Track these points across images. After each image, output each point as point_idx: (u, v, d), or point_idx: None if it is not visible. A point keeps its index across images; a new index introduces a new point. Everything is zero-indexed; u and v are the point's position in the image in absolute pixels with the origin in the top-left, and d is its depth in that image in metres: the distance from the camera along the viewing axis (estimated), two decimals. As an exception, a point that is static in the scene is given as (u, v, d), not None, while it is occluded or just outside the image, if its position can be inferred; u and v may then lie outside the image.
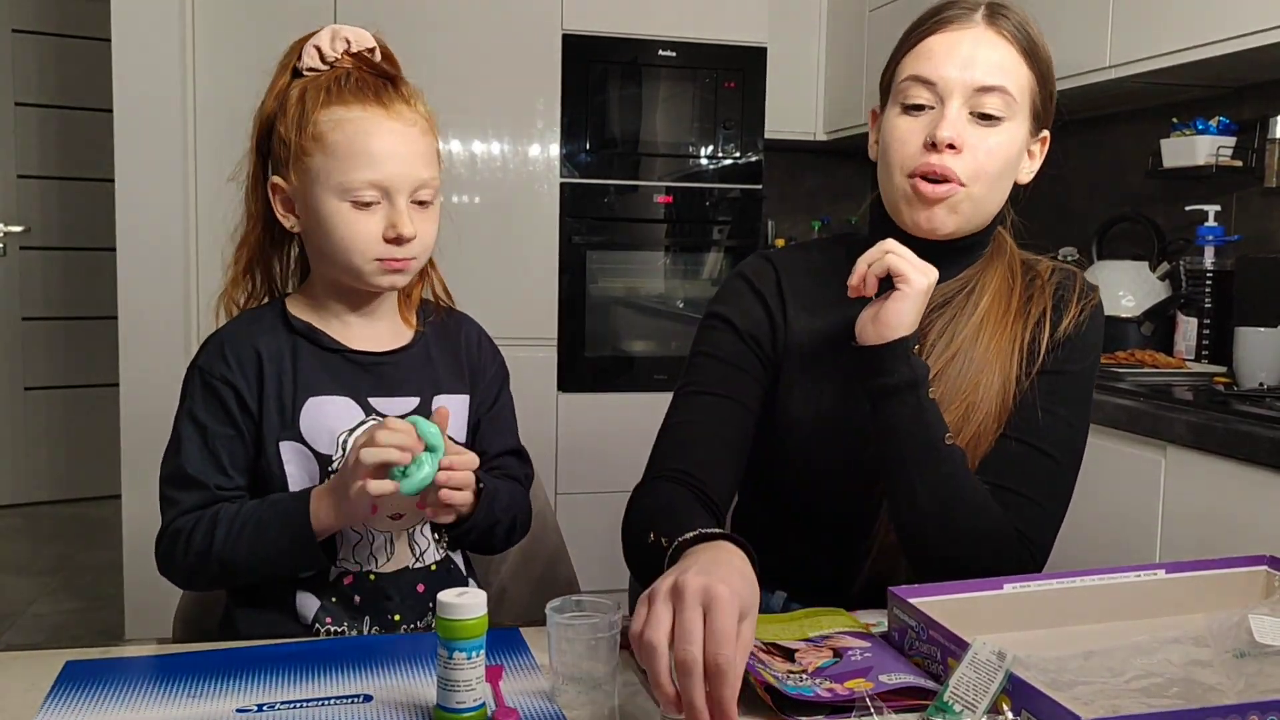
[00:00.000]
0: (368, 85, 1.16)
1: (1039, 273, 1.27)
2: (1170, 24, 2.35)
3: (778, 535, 1.29)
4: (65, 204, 4.57)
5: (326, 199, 1.14)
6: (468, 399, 1.28)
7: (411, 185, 1.15)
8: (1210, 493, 1.86)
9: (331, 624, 1.18)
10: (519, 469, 1.33)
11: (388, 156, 1.14)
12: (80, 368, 4.58)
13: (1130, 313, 2.67)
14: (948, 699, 0.85)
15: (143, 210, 2.81)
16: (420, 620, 1.21)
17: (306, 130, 1.14)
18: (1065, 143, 3.39)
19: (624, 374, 3.29)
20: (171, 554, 1.16)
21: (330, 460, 1.18)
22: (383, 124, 1.14)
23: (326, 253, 1.17)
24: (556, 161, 3.17)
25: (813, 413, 1.24)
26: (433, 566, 1.23)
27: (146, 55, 2.84)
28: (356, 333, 1.23)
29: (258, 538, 1.13)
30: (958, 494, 1.13)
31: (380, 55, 1.21)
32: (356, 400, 1.20)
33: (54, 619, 3.33)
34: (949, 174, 1.14)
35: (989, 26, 1.17)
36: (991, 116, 1.15)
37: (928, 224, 1.17)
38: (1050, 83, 1.22)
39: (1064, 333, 1.22)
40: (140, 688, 0.94)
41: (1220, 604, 1.04)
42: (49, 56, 4.51)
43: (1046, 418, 1.19)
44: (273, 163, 1.20)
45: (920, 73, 1.17)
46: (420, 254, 1.19)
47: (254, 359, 1.18)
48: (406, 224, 1.14)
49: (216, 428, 1.17)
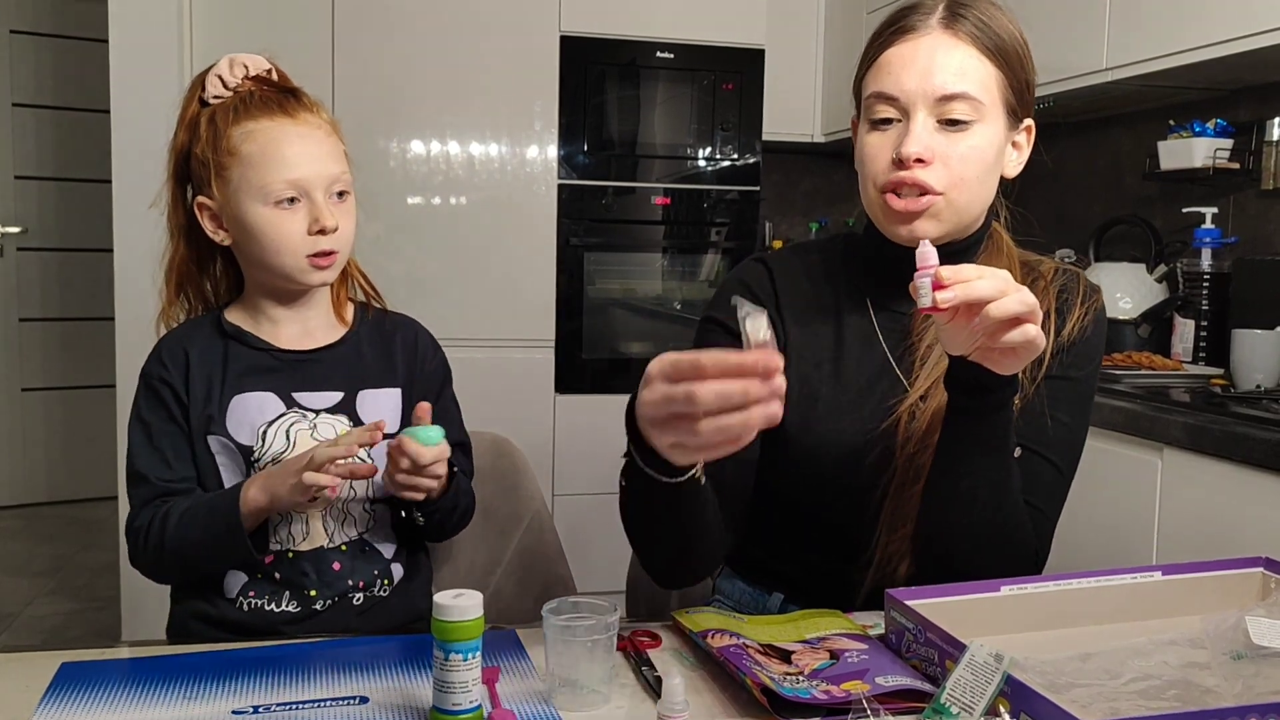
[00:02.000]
0: (272, 100, 1.28)
1: (1041, 274, 1.25)
2: (1167, 26, 2.36)
3: (781, 543, 1.28)
4: (62, 205, 4.57)
5: (251, 206, 1.25)
6: (399, 393, 1.36)
7: (326, 181, 1.27)
8: (1207, 494, 1.86)
9: (254, 597, 1.28)
10: (464, 463, 1.41)
11: (300, 157, 1.25)
12: (77, 369, 4.58)
13: (1127, 315, 2.68)
14: (945, 701, 0.85)
15: (139, 211, 2.79)
16: (338, 598, 1.29)
17: (221, 147, 1.26)
18: (1063, 145, 3.38)
19: (621, 375, 3.29)
20: (134, 550, 1.27)
21: (252, 451, 1.27)
22: (290, 130, 1.26)
23: (257, 258, 1.28)
24: (554, 163, 3.17)
25: (807, 418, 1.23)
26: (343, 546, 1.30)
27: (144, 56, 2.84)
28: (287, 333, 1.33)
29: (195, 529, 1.23)
30: (1011, 511, 1.12)
31: (276, 76, 1.33)
32: (280, 395, 1.30)
33: (50, 620, 3.33)
34: (922, 186, 1.13)
35: (945, 30, 1.15)
36: (960, 122, 1.13)
37: (909, 236, 1.15)
38: (1024, 72, 1.18)
39: (1068, 337, 1.20)
40: (136, 689, 0.94)
41: (1217, 606, 1.04)
42: (46, 57, 4.51)
43: (1051, 424, 1.18)
44: (194, 185, 1.31)
45: (882, 89, 1.15)
46: (343, 246, 1.29)
47: (182, 357, 1.30)
48: (328, 216, 1.25)
49: (159, 425, 1.28)
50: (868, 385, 1.23)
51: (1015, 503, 1.12)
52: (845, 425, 1.21)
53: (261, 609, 1.27)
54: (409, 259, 3.02)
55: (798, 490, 1.24)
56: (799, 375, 1.24)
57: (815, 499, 1.24)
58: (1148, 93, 2.69)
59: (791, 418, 1.23)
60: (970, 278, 0.95)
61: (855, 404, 1.22)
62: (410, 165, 3.08)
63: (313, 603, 1.28)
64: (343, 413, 1.31)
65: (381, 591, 1.32)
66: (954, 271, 0.96)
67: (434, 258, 3.09)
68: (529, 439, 1.39)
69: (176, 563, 1.26)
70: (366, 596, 1.31)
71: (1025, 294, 0.96)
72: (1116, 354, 2.55)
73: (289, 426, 1.28)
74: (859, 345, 1.24)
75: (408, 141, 3.07)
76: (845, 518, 1.22)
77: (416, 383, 1.38)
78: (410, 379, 1.38)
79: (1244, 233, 2.59)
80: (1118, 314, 2.69)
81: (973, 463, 1.09)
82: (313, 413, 1.30)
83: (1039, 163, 1.26)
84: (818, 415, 1.22)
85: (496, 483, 1.52)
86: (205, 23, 2.91)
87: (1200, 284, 2.56)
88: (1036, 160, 1.25)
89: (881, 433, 1.20)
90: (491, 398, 2.83)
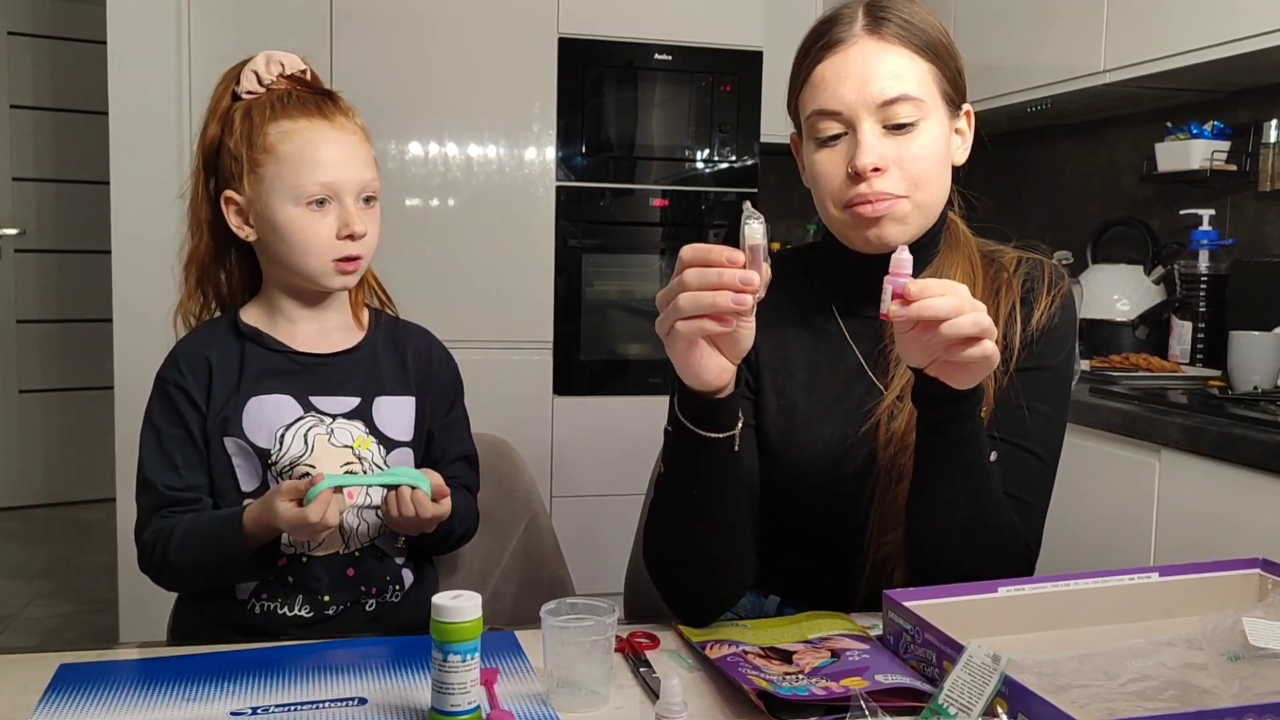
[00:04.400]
0: (309, 101, 1.28)
1: (1004, 265, 1.24)
2: (1165, 28, 2.36)
3: (775, 549, 1.28)
4: (60, 206, 4.57)
5: (282, 205, 1.24)
6: (413, 401, 1.35)
7: (358, 186, 1.27)
8: (1204, 496, 1.87)
9: (266, 600, 1.27)
10: (471, 477, 1.42)
11: (334, 161, 1.25)
12: (75, 370, 4.58)
13: (1125, 316, 2.68)
14: (943, 702, 0.85)
15: (137, 213, 2.81)
16: (351, 602, 1.29)
17: (257, 144, 1.25)
18: (1060, 146, 3.39)
19: (619, 377, 3.29)
20: (141, 561, 1.27)
21: (269, 454, 1.26)
22: (327, 134, 1.26)
23: (283, 257, 1.27)
24: (552, 165, 3.17)
25: (788, 429, 1.22)
26: (356, 552, 1.30)
27: (142, 58, 2.84)
28: (305, 335, 1.32)
29: (196, 552, 1.22)
30: (996, 511, 1.12)
31: (310, 76, 1.33)
32: (297, 398, 1.29)
33: (48, 622, 3.33)
34: (883, 196, 1.13)
35: (872, 36, 1.14)
36: (906, 124, 1.13)
37: (879, 240, 1.15)
38: (952, 59, 1.18)
39: (1037, 326, 1.20)
40: (135, 691, 0.94)
41: (1215, 607, 1.04)
42: (44, 59, 4.51)
43: (1030, 415, 1.18)
44: (222, 178, 1.29)
45: (822, 105, 1.15)
46: (367, 253, 1.29)
47: (204, 365, 1.28)
48: (358, 221, 1.25)
49: (170, 430, 1.27)
50: (844, 391, 1.23)
51: (997, 504, 1.12)
52: (826, 434, 1.21)
53: (273, 612, 1.27)
54: (407, 261, 3.02)
55: (785, 499, 1.24)
56: (774, 386, 1.24)
57: (803, 506, 1.24)
58: (1145, 94, 2.69)
59: (772, 430, 1.23)
60: (929, 293, 0.96)
61: (833, 411, 1.22)
62: (408, 167, 3.08)
63: (325, 607, 1.28)
64: (359, 418, 1.30)
65: (393, 598, 1.32)
66: (920, 288, 0.96)
67: (432, 259, 3.09)
68: (527, 440, 1.39)
69: (181, 580, 1.27)
70: (379, 602, 1.31)
71: (980, 315, 0.97)
72: (1114, 355, 2.56)
73: (307, 430, 1.27)
74: (831, 353, 1.24)
75: (406, 143, 3.07)
76: (835, 522, 1.22)
77: (430, 395, 1.37)
78: (424, 390, 1.37)
79: (1241, 234, 2.59)
80: (1115, 315, 2.69)
81: (948, 473, 1.09)
82: (330, 417, 1.29)
83: (1037, 164, 1.26)
84: (797, 426, 1.22)
85: (495, 484, 1.52)
86: (203, 25, 2.91)
87: (1198, 286, 2.57)
88: (1034, 161, 1.25)
89: (862, 437, 1.20)
90: (490, 399, 2.83)
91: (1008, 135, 3.28)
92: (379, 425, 1.31)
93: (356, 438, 1.29)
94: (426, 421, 1.36)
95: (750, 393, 1.24)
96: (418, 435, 1.34)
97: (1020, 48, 2.84)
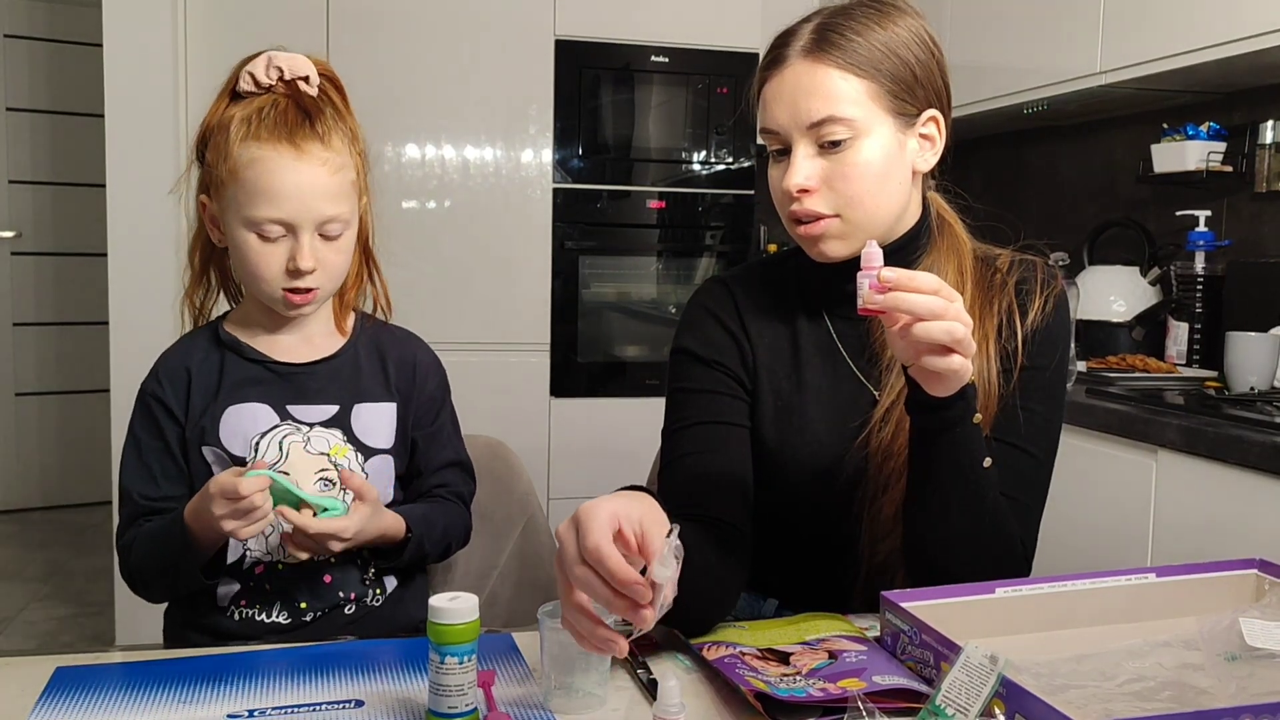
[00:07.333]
0: (282, 126, 1.22)
1: (998, 267, 1.24)
2: (1161, 30, 2.36)
3: (771, 552, 1.28)
4: (57, 209, 4.57)
5: (238, 229, 1.24)
6: (394, 407, 1.35)
7: (314, 222, 1.23)
8: (1201, 497, 1.87)
9: (245, 607, 1.28)
10: (463, 484, 1.40)
11: (291, 195, 1.21)
12: (71, 373, 4.57)
13: (1121, 317, 2.68)
14: (940, 703, 0.85)
15: (134, 216, 2.81)
16: (328, 609, 1.29)
17: (226, 163, 1.23)
18: (1056, 148, 3.39)
19: (616, 379, 3.30)
20: (123, 570, 1.29)
21: (245, 462, 1.26)
22: (289, 164, 1.21)
23: (241, 275, 1.29)
24: (549, 167, 3.17)
25: (783, 432, 1.23)
26: (332, 559, 1.28)
27: (138, 60, 2.84)
28: (285, 343, 1.32)
29: (153, 558, 1.25)
30: (992, 516, 1.11)
31: (319, 79, 1.28)
32: (274, 406, 1.29)
33: (45, 625, 3.32)
34: (811, 215, 1.15)
35: (805, 57, 1.15)
36: (838, 142, 1.13)
37: (822, 256, 1.18)
38: (903, 68, 1.15)
39: (1032, 327, 1.20)
40: (131, 693, 0.94)
41: (1211, 607, 1.04)
42: (41, 62, 4.50)
43: (1025, 415, 1.18)
44: (203, 179, 1.29)
45: (764, 125, 1.18)
46: (324, 283, 1.27)
47: (184, 375, 1.30)
48: (306, 258, 1.22)
49: (149, 441, 1.29)
50: (834, 394, 1.23)
51: (993, 509, 1.12)
52: (819, 437, 1.22)
53: (251, 619, 1.27)
54: (403, 263, 2.99)
55: (782, 500, 1.24)
56: (771, 389, 1.24)
57: (798, 510, 1.24)
58: (1141, 96, 2.69)
59: (769, 431, 1.23)
60: (907, 286, 0.95)
61: (824, 415, 1.22)
62: (405, 169, 3.08)
63: (303, 614, 1.28)
64: (337, 426, 1.30)
65: (374, 602, 1.32)
66: (896, 276, 0.95)
67: (429, 262, 3.09)
68: (524, 442, 1.38)
69: (149, 585, 1.28)
70: (358, 606, 1.31)
71: (956, 327, 0.95)
72: (1110, 356, 2.56)
73: (282, 438, 1.27)
74: (820, 356, 1.25)
75: (402, 145, 3.07)
76: (829, 526, 1.22)
77: (414, 402, 1.37)
78: (408, 396, 1.36)
79: (1237, 235, 2.60)
80: (1111, 317, 2.70)
81: (939, 479, 1.09)
82: (306, 425, 1.29)
83: (1033, 165, 1.26)
84: (794, 427, 1.23)
85: (492, 486, 1.52)
86: (199, 27, 2.91)
87: (1194, 287, 2.57)
88: (1031, 163, 1.25)
89: (854, 441, 1.20)
90: (487, 401, 2.83)
91: (1004, 137, 3.29)
92: (357, 433, 1.31)
93: (333, 445, 1.29)
94: (409, 428, 1.36)
95: (746, 395, 1.24)
96: (399, 443, 1.34)
97: (1017, 49, 2.85)
